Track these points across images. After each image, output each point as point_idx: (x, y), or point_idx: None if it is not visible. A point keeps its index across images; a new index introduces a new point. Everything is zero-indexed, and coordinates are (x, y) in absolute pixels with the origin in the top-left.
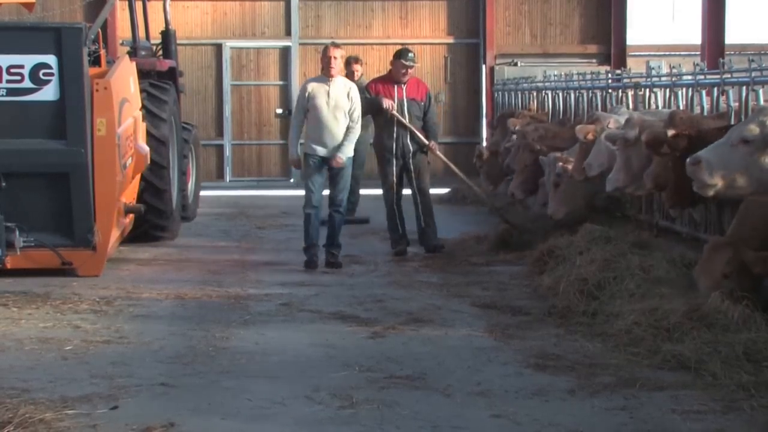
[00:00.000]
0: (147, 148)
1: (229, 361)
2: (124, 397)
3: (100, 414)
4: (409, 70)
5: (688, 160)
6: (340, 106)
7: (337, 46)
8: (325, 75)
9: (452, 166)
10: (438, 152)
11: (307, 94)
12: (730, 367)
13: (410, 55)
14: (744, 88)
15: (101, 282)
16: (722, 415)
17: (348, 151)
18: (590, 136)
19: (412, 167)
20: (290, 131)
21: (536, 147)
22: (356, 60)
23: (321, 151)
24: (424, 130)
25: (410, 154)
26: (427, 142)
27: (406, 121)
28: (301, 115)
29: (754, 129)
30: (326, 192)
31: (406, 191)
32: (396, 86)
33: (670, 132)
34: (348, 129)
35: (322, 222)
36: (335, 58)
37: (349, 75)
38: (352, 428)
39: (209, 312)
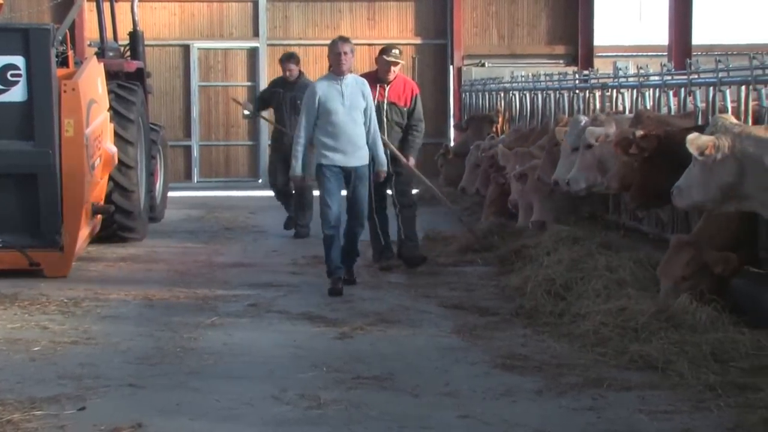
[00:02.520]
0: (115, 149)
1: (197, 361)
2: (92, 397)
3: (67, 415)
4: (393, 68)
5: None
6: (356, 106)
7: (345, 40)
8: (335, 73)
9: (426, 181)
10: (412, 167)
11: (317, 99)
12: (697, 367)
13: (394, 51)
14: (711, 88)
15: (69, 283)
16: (689, 415)
17: (384, 161)
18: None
19: (393, 175)
20: (296, 143)
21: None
22: (290, 58)
23: (340, 159)
24: (403, 137)
25: (392, 162)
26: (402, 157)
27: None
28: (311, 123)
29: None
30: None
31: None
32: (378, 86)
33: (639, 132)
34: (371, 136)
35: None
36: (345, 53)
37: (285, 75)
38: (320, 428)
39: (177, 313)
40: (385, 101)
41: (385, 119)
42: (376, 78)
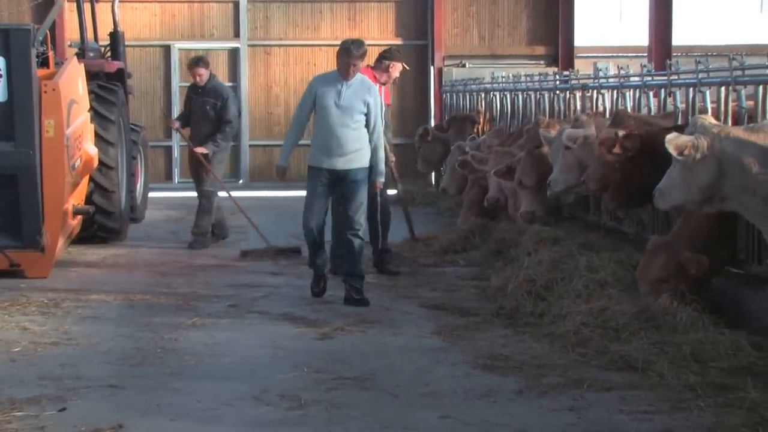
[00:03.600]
0: (95, 150)
1: (177, 362)
2: (73, 398)
3: (48, 416)
4: (396, 74)
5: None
6: (352, 109)
7: (359, 46)
8: (342, 76)
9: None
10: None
11: (314, 92)
12: (678, 368)
13: (399, 55)
14: (691, 89)
15: (49, 283)
16: (669, 415)
17: (382, 171)
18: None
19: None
20: (286, 135)
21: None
22: (198, 62)
23: (326, 161)
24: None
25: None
26: (392, 157)
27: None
28: (303, 117)
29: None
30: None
31: None
32: (379, 87)
33: (622, 132)
34: (372, 143)
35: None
36: (354, 65)
37: (194, 80)
38: (301, 429)
39: (158, 313)
40: (383, 104)
41: (383, 120)
42: (375, 79)
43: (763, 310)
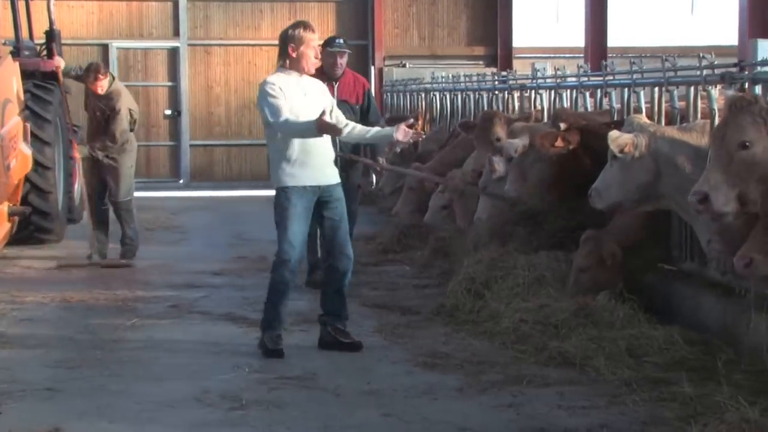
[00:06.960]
0: (31, 150)
1: (116, 364)
2: (8, 402)
3: None
4: (340, 60)
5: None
6: (321, 109)
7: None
8: (295, 70)
9: (412, 172)
10: (389, 167)
11: (283, 94)
12: (614, 363)
13: (338, 41)
14: (626, 89)
15: None
16: (605, 410)
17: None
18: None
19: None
20: (291, 124)
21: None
22: (97, 74)
23: (310, 176)
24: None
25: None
26: (375, 164)
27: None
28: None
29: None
30: None
31: None
32: (327, 84)
33: (563, 126)
34: (350, 127)
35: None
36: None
37: (95, 91)
38: (242, 429)
39: (96, 315)
40: (335, 100)
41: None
42: (322, 75)
43: (695, 306)
